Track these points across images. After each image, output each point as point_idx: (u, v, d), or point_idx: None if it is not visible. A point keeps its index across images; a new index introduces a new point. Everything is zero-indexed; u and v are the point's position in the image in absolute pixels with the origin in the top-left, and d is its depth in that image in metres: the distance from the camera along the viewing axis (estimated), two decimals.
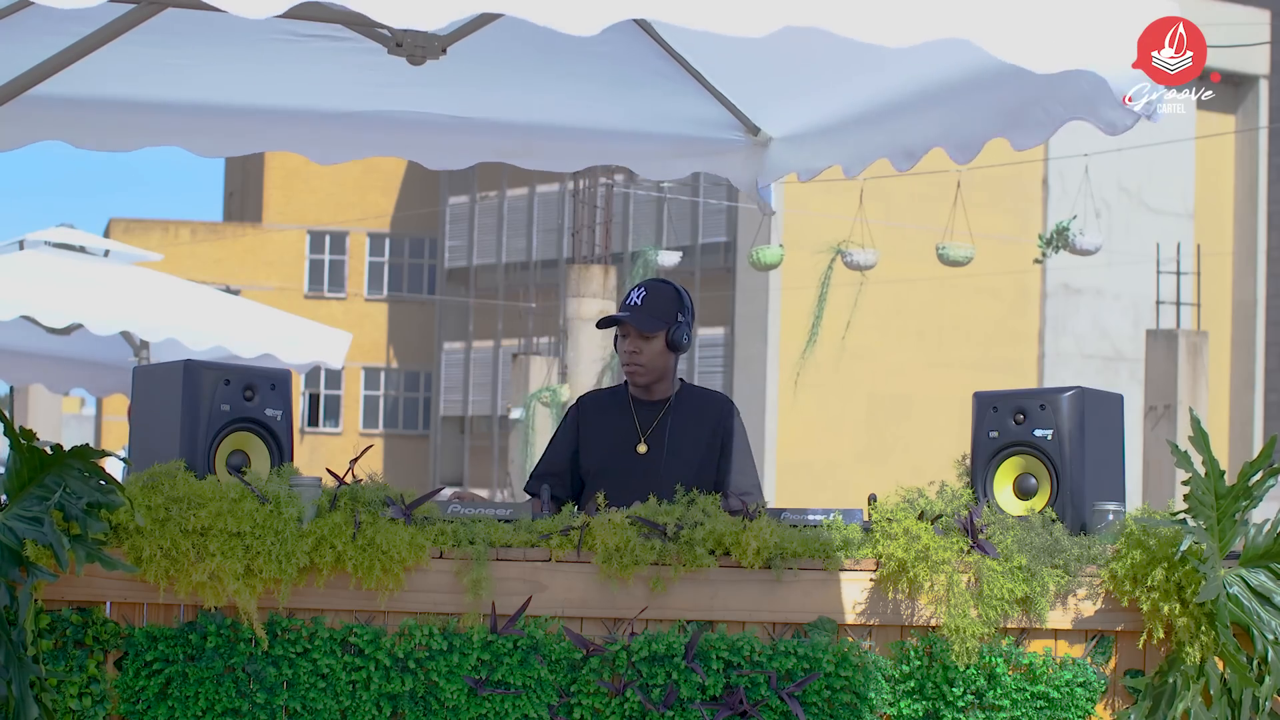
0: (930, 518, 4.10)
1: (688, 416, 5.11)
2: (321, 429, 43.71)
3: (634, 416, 5.12)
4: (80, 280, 9.74)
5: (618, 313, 5.07)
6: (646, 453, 5.07)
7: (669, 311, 5.07)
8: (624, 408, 5.15)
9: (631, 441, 5.09)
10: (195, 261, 41.30)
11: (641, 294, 5.08)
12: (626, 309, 5.06)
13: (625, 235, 34.84)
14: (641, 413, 5.13)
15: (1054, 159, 32.32)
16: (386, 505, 4.00)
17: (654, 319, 5.05)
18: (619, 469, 5.02)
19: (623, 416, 5.13)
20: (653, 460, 5.05)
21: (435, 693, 3.95)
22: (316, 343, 10.34)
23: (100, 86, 5.43)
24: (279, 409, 4.31)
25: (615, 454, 5.08)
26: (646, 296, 5.07)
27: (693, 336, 5.19)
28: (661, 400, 5.13)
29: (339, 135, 5.90)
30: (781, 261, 19.74)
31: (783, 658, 4.00)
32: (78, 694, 3.86)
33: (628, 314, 5.04)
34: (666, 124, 5.98)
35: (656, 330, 5.04)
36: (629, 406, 5.15)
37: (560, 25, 3.27)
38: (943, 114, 4.92)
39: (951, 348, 33.02)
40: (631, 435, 5.10)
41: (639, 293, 5.09)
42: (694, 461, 5.05)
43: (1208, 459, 4.05)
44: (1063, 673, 4.08)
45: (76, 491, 3.78)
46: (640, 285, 5.12)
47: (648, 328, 5.03)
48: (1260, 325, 36.26)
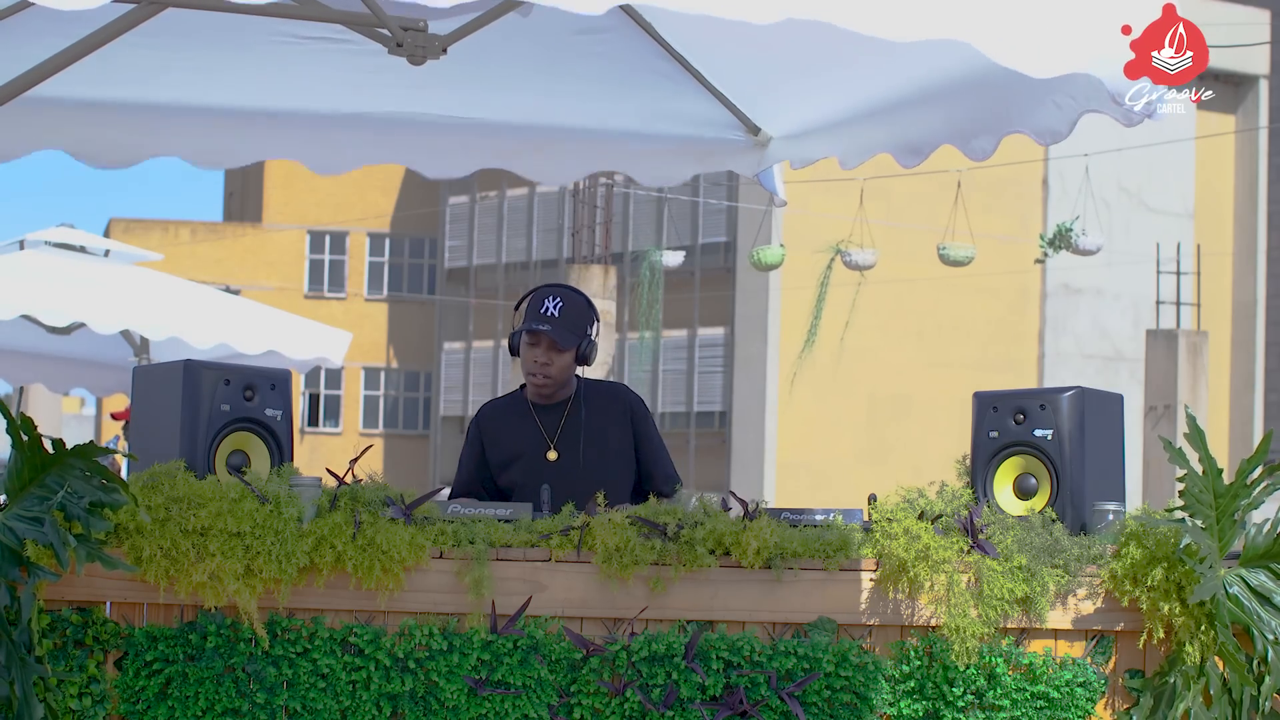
0: (930, 518, 4.10)
1: (593, 414, 4.99)
2: (321, 429, 43.70)
3: (537, 422, 5.01)
4: (80, 280, 9.73)
5: (533, 324, 4.89)
6: (558, 458, 4.96)
7: (582, 325, 4.94)
8: (525, 414, 5.03)
9: (540, 449, 4.97)
10: (195, 261, 41.29)
11: (558, 304, 4.92)
12: (544, 320, 4.89)
13: (625, 235, 34.84)
14: (544, 418, 5.01)
15: (1054, 159, 32.32)
16: (386, 505, 4.00)
17: (570, 333, 4.91)
18: (532, 477, 4.88)
19: (525, 423, 5.01)
20: (565, 465, 4.94)
21: (435, 693, 3.95)
22: (317, 342, 10.35)
23: (98, 88, 5.42)
24: (279, 409, 4.31)
25: (526, 463, 4.96)
26: (564, 307, 4.92)
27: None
28: (563, 402, 5.01)
29: (338, 142, 5.88)
30: (782, 262, 19.73)
31: (783, 658, 4.00)
32: (78, 694, 3.86)
33: (548, 327, 4.88)
34: (667, 124, 5.97)
35: (571, 345, 4.92)
36: (530, 412, 5.03)
37: (568, 5, 3.27)
38: (951, 111, 4.91)
39: (951, 348, 33.02)
40: (539, 442, 4.98)
41: (555, 302, 4.92)
42: (607, 459, 4.97)
43: (1204, 457, 4.05)
44: (1063, 673, 4.08)
45: (78, 491, 3.78)
46: (554, 294, 4.95)
47: (566, 343, 4.90)
48: (1260, 325, 36.26)
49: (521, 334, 4.94)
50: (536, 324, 4.89)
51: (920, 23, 3.54)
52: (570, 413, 5.00)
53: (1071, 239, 19.30)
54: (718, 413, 34.67)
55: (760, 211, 23.74)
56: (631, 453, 5.04)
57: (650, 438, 5.08)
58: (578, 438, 4.97)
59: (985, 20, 3.62)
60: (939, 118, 4.97)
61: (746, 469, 32.58)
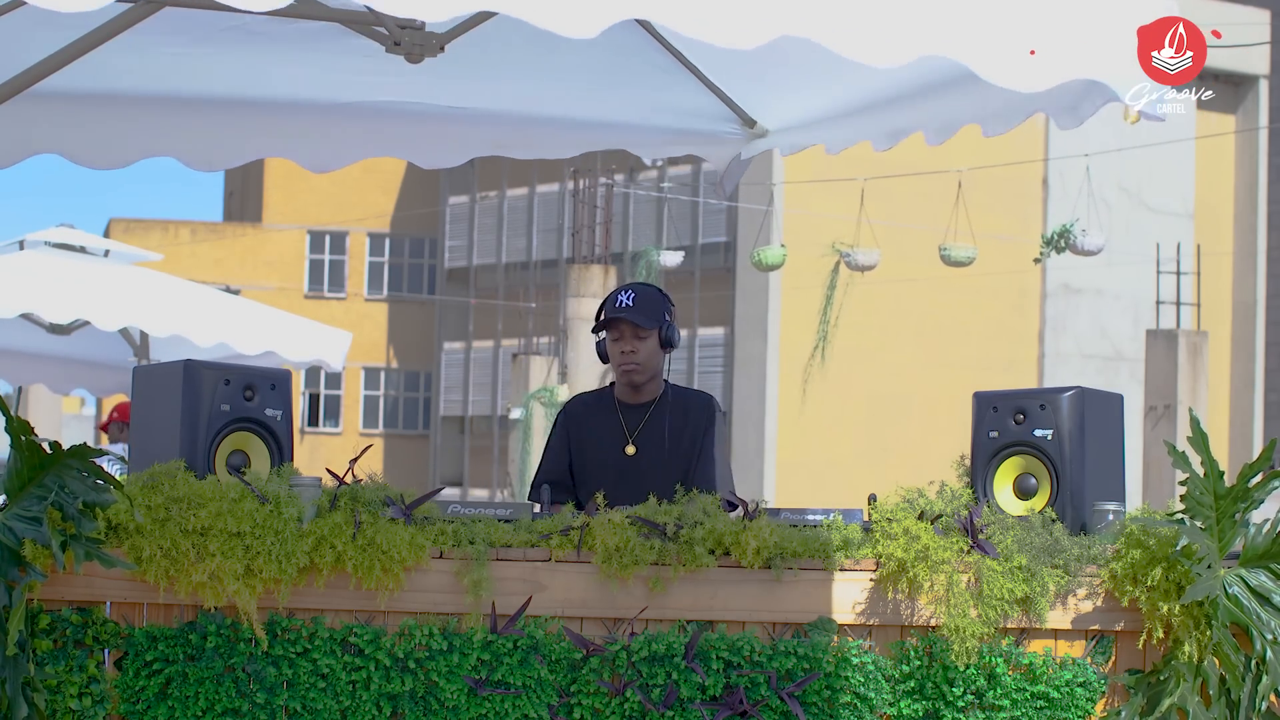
0: (930, 518, 4.10)
1: (674, 417, 5.14)
2: (321, 429, 43.71)
3: (620, 418, 5.17)
4: (80, 280, 9.74)
5: (611, 313, 5.08)
6: (635, 454, 5.11)
7: (659, 311, 5.12)
8: (610, 410, 5.20)
9: (619, 443, 5.13)
10: (195, 261, 41.30)
11: (631, 295, 5.11)
12: (619, 310, 5.08)
13: (625, 235, 34.85)
14: (628, 414, 5.17)
15: (1054, 159, 32.33)
16: (386, 505, 4.00)
17: (648, 317, 5.09)
18: (607, 471, 5.06)
19: (609, 418, 5.18)
20: (640, 461, 5.09)
21: (435, 693, 3.95)
22: (317, 342, 10.35)
23: (93, 86, 5.41)
24: (279, 409, 4.31)
25: (603, 456, 5.13)
26: (636, 298, 5.11)
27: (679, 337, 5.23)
28: (649, 401, 5.17)
29: (332, 138, 5.87)
30: (784, 262, 19.75)
31: (783, 658, 4.00)
32: (78, 694, 3.85)
33: (625, 312, 5.06)
34: (663, 116, 5.99)
35: (652, 327, 5.08)
36: (615, 409, 5.19)
37: (558, 28, 3.28)
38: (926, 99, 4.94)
39: (951, 348, 33.02)
40: (619, 437, 5.14)
41: (628, 295, 5.12)
42: (681, 462, 5.09)
43: (1206, 459, 4.05)
44: (1063, 673, 4.08)
45: (74, 491, 3.78)
46: (626, 289, 5.15)
47: (646, 324, 5.06)
48: (1260, 325, 36.26)
49: (605, 332, 5.11)
50: (613, 313, 5.06)
51: (906, 46, 3.54)
52: (654, 412, 5.15)
53: (1072, 239, 19.30)
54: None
55: (760, 211, 23.73)
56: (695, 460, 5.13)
57: (708, 445, 5.16)
58: (656, 436, 5.11)
59: (976, 37, 3.62)
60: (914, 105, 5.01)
61: (746, 469, 32.59)
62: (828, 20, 3.47)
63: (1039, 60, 3.67)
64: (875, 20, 3.52)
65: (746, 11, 3.41)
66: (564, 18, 3.29)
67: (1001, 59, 3.64)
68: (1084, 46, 3.75)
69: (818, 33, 3.44)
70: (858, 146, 5.57)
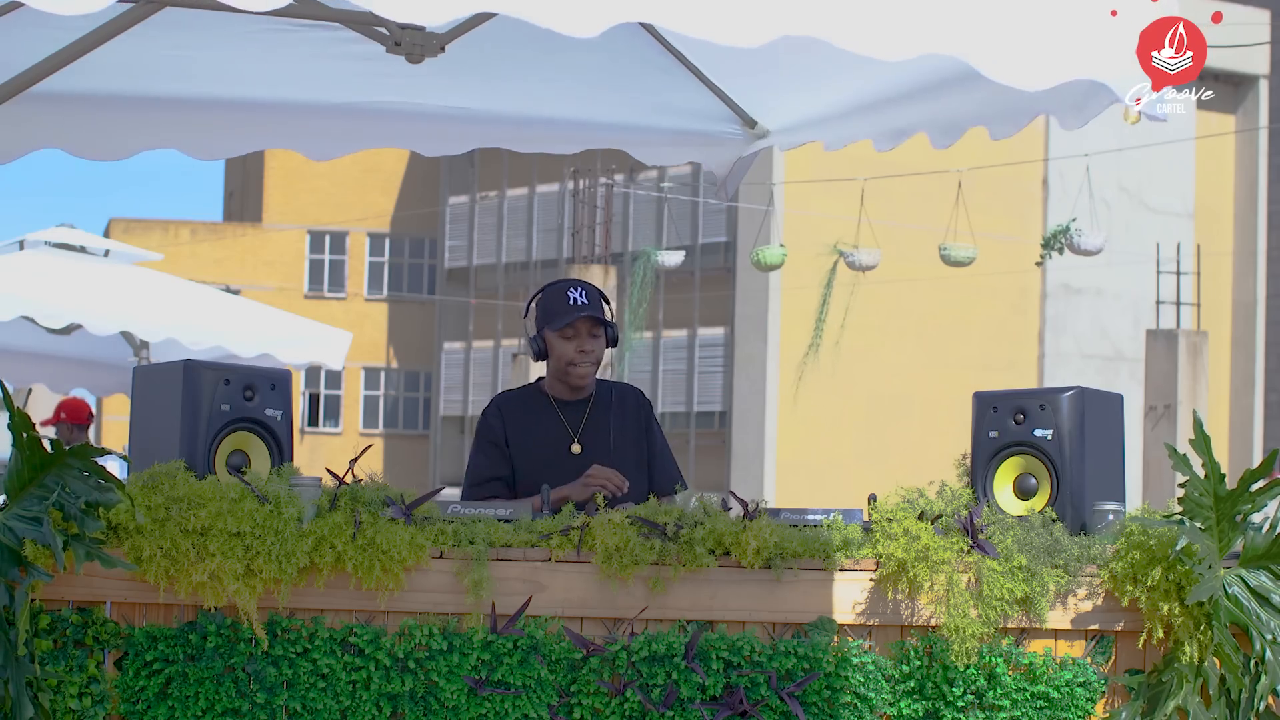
0: (930, 518, 4.10)
1: (615, 412, 5.02)
2: (321, 429, 43.72)
3: (559, 416, 5.01)
4: (80, 280, 9.74)
5: (573, 314, 4.90)
6: (581, 453, 4.96)
7: (605, 307, 5.00)
8: (545, 408, 5.02)
9: (564, 442, 4.97)
10: (195, 261, 41.31)
11: (583, 292, 4.95)
12: (581, 309, 4.91)
13: (625, 235, 34.86)
14: (567, 412, 5.01)
15: (1054, 159, 32.34)
16: (386, 505, 4.00)
17: (604, 313, 4.96)
18: (553, 471, 4.84)
19: (548, 417, 5.00)
20: (586, 460, 4.92)
21: (435, 693, 3.95)
22: (316, 342, 10.35)
23: (94, 83, 5.41)
24: (279, 409, 4.31)
25: (548, 455, 4.94)
26: (589, 294, 4.96)
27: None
28: (585, 399, 5.03)
29: (335, 129, 5.87)
30: (784, 262, 19.74)
31: (783, 658, 4.00)
32: (78, 694, 3.85)
33: (587, 310, 4.90)
34: (665, 117, 5.98)
35: (610, 323, 4.95)
36: (551, 406, 5.02)
37: (560, 27, 3.28)
38: (929, 100, 4.93)
39: (951, 348, 33.03)
40: (562, 435, 4.98)
41: (580, 292, 4.94)
42: (631, 457, 4.98)
43: (1208, 461, 4.05)
44: (1063, 673, 4.08)
45: (75, 490, 3.78)
46: (573, 285, 4.98)
47: (605, 321, 4.93)
48: (1260, 325, 36.27)
49: (554, 330, 4.93)
50: (576, 312, 4.90)
51: (911, 42, 3.55)
52: (592, 408, 5.02)
53: (1072, 239, 19.29)
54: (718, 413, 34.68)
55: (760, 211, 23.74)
56: (644, 453, 5.06)
57: (656, 437, 5.10)
58: (601, 434, 4.99)
59: (979, 34, 3.62)
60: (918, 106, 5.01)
61: (746, 469, 32.60)
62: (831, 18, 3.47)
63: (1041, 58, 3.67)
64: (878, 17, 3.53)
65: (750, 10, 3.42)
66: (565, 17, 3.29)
67: (1003, 56, 3.64)
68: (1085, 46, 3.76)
69: (821, 30, 3.45)
70: (858, 146, 5.57)
